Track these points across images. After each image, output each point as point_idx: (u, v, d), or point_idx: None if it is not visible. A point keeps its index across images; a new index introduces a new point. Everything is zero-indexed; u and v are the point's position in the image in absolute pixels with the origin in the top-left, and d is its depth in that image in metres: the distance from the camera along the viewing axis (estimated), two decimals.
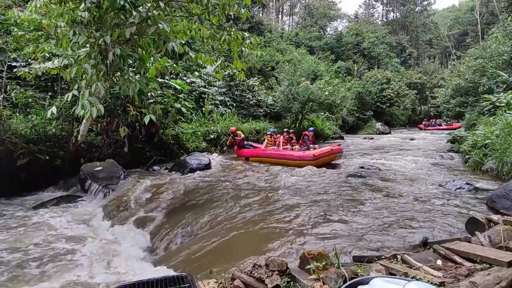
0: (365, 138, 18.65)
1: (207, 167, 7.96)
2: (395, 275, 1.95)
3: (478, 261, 2.12)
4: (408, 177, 6.72)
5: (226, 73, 14.29)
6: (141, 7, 4.43)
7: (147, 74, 6.00)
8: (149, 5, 4.46)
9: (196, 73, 14.88)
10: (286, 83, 15.50)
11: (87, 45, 4.45)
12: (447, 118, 26.68)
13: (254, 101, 15.64)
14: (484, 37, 30.23)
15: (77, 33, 4.27)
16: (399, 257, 2.32)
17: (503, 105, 8.88)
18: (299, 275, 2.06)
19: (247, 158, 9.76)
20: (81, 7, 4.44)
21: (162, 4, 4.32)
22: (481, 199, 4.79)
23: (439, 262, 2.21)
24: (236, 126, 11.73)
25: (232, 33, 5.19)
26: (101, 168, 6.89)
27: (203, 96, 13.50)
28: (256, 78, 16.97)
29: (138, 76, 4.82)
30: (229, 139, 10.57)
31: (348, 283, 1.43)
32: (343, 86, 21.26)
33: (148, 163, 8.71)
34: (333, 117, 19.77)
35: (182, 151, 9.86)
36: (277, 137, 10.08)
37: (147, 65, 6.21)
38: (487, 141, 7.23)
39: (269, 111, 16.32)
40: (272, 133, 10.34)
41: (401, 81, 31.26)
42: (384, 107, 27.41)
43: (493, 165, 6.70)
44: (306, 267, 2.12)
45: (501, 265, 1.98)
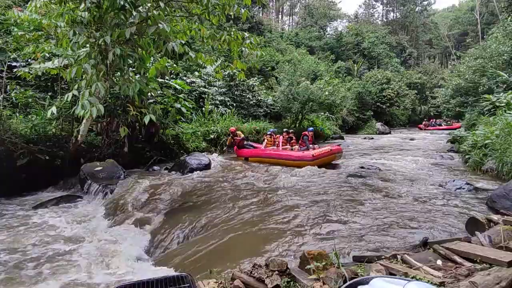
0: (365, 138, 18.65)
1: (207, 167, 7.96)
2: (395, 275, 1.95)
3: (478, 261, 2.13)
4: (408, 177, 6.72)
5: (226, 73, 14.29)
6: (141, 7, 4.43)
7: (147, 74, 5.99)
8: (149, 5, 4.46)
9: (196, 73, 14.88)
10: (286, 83, 15.50)
11: (87, 45, 4.45)
12: (447, 118, 26.69)
13: (254, 101, 15.64)
14: (484, 37, 30.23)
15: (77, 33, 4.27)
16: (399, 257, 2.32)
17: (503, 105, 8.88)
18: (299, 275, 2.06)
19: (246, 158, 9.75)
20: (81, 7, 4.44)
21: (162, 4, 4.32)
22: (481, 199, 4.79)
23: (439, 262, 2.21)
24: (236, 126, 11.73)
25: (232, 33, 5.18)
26: (101, 168, 6.89)
27: (203, 96, 13.50)
28: (256, 78, 16.97)
29: (138, 76, 4.82)
30: (229, 139, 10.56)
31: (348, 283, 1.43)
32: (343, 86, 21.26)
33: (148, 163, 8.70)
34: (333, 117, 19.78)
35: (182, 151, 9.85)
36: (276, 137, 10.04)
37: (147, 65, 6.20)
38: (487, 141, 7.23)
39: (269, 111, 16.32)
40: (272, 133, 10.33)
41: (401, 81, 31.27)
42: (384, 107, 27.42)
43: (493, 165, 6.71)
44: (306, 267, 2.12)
45: (501, 265, 1.98)
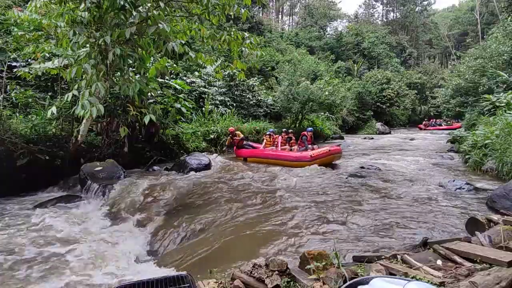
0: (365, 138, 18.63)
1: (207, 167, 7.95)
2: (395, 275, 1.95)
3: (478, 261, 2.12)
4: (408, 177, 6.72)
5: (226, 73, 14.28)
6: (141, 7, 4.43)
7: (147, 74, 5.99)
8: (149, 5, 4.46)
9: (196, 73, 14.88)
10: (286, 83, 15.49)
11: (87, 45, 4.45)
12: (447, 118, 26.71)
13: (254, 101, 15.63)
14: (484, 37, 30.23)
15: (77, 33, 4.27)
16: (399, 257, 2.32)
17: (503, 105, 8.88)
18: (299, 275, 2.06)
19: (245, 159, 9.71)
20: (81, 7, 4.44)
21: (162, 4, 4.32)
22: (481, 199, 4.79)
23: (439, 262, 2.21)
24: (235, 126, 11.72)
25: (232, 33, 5.18)
26: (101, 168, 6.89)
27: (203, 96, 13.50)
28: (256, 78, 16.96)
29: (138, 76, 4.82)
30: (228, 139, 10.55)
31: (348, 283, 1.43)
32: (343, 86, 21.27)
33: (148, 163, 8.70)
34: (333, 117, 19.78)
35: (182, 151, 9.85)
36: (275, 137, 9.95)
37: (147, 65, 6.20)
38: (487, 141, 7.23)
39: (269, 111, 16.32)
40: (271, 133, 10.25)
41: (401, 81, 31.27)
42: (384, 107, 27.41)
43: (493, 165, 6.71)
44: (306, 267, 2.12)
45: (501, 265, 1.98)
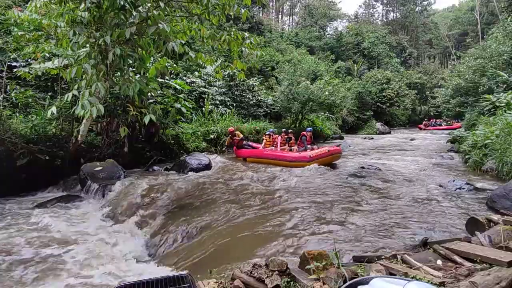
0: (365, 138, 18.63)
1: (207, 167, 7.95)
2: (395, 275, 1.95)
3: (478, 261, 2.12)
4: (408, 177, 6.72)
5: (226, 73, 14.28)
6: (141, 7, 4.42)
7: (147, 74, 5.99)
8: (149, 5, 4.46)
9: (196, 73, 14.88)
10: (286, 83, 15.49)
11: (87, 45, 4.44)
12: (447, 118, 26.72)
13: (254, 101, 15.63)
14: (484, 37, 30.24)
15: (77, 33, 4.26)
16: (399, 257, 2.32)
17: (503, 105, 8.89)
18: (299, 275, 2.06)
19: (244, 159, 9.69)
20: (81, 7, 4.44)
21: (162, 4, 4.31)
22: (481, 199, 4.79)
23: (439, 262, 2.20)
24: (235, 126, 11.71)
25: (232, 33, 5.18)
26: (101, 168, 6.89)
27: (203, 96, 13.50)
28: (256, 78, 16.96)
29: (138, 76, 4.81)
30: (228, 139, 10.54)
31: (348, 283, 1.43)
32: (343, 86, 21.27)
33: (148, 163, 8.70)
34: (333, 117, 19.78)
35: (182, 151, 9.85)
36: (275, 137, 9.89)
37: (147, 65, 6.20)
38: (487, 141, 7.24)
39: (269, 111, 16.31)
40: (271, 133, 10.21)
41: (401, 81, 31.27)
42: (384, 107, 27.41)
43: (493, 165, 6.71)
44: (306, 267, 2.12)
45: (501, 265, 1.98)
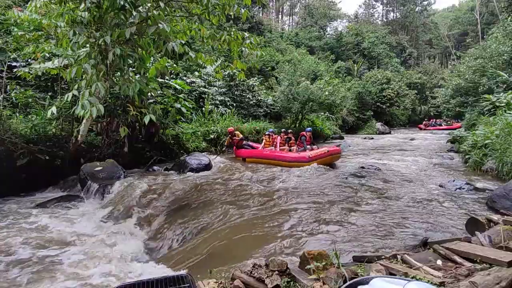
0: (365, 138, 18.64)
1: (207, 167, 7.94)
2: (395, 275, 1.95)
3: (478, 261, 2.12)
4: (408, 177, 6.72)
5: (226, 73, 14.28)
6: (141, 7, 4.42)
7: (147, 74, 5.99)
8: (149, 5, 4.46)
9: (196, 73, 14.88)
10: (286, 83, 15.49)
11: (87, 45, 4.45)
12: (447, 118, 26.73)
13: (254, 101, 15.63)
14: (484, 37, 30.24)
15: (77, 33, 4.26)
16: (399, 257, 2.32)
17: (503, 105, 8.89)
18: (299, 275, 2.06)
19: (244, 159, 9.67)
20: (81, 7, 4.44)
21: (162, 4, 4.32)
22: (481, 199, 4.79)
23: (439, 262, 2.20)
24: (235, 126, 11.71)
25: (232, 33, 5.18)
26: (101, 168, 6.88)
27: (203, 96, 13.49)
28: (256, 78, 16.96)
29: (138, 76, 4.82)
30: (227, 139, 10.55)
31: (348, 283, 1.43)
32: (343, 86, 21.27)
33: (148, 163, 8.70)
34: (333, 117, 19.78)
35: (182, 151, 9.84)
36: (275, 137, 9.83)
37: (147, 65, 6.20)
38: (487, 141, 7.24)
39: (269, 111, 16.31)
40: (271, 133, 10.18)
41: (401, 81, 31.28)
42: (384, 107, 27.42)
43: (493, 165, 6.71)
44: (306, 267, 2.11)
45: (501, 265, 1.98)
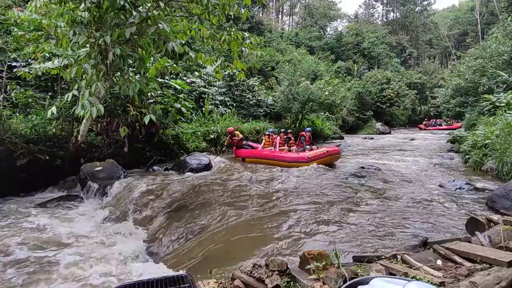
0: (365, 138, 18.64)
1: (207, 167, 7.94)
2: (395, 275, 1.95)
3: (478, 261, 2.12)
4: (408, 177, 6.72)
5: (226, 73, 14.28)
6: (141, 7, 4.43)
7: (147, 74, 5.99)
8: (149, 5, 4.46)
9: (196, 73, 14.87)
10: (286, 83, 15.49)
11: (87, 45, 4.45)
12: (447, 118, 26.73)
13: (254, 101, 15.63)
14: (484, 37, 30.24)
15: (77, 33, 4.27)
16: (399, 257, 2.32)
17: (503, 105, 8.89)
18: (299, 275, 2.05)
19: (243, 159, 9.67)
20: (81, 7, 4.44)
21: (162, 4, 4.32)
22: (481, 199, 4.79)
23: (439, 262, 2.20)
24: (235, 126, 11.71)
25: (232, 33, 5.18)
26: (101, 168, 6.88)
27: (203, 96, 13.49)
28: (256, 78, 16.95)
29: (138, 76, 4.82)
30: (227, 139, 10.55)
31: (348, 283, 1.43)
32: (343, 86, 21.27)
33: (148, 163, 8.70)
34: (333, 117, 19.78)
35: (182, 151, 9.84)
36: (274, 137, 9.80)
37: (147, 65, 6.20)
38: (487, 141, 7.24)
39: (269, 111, 16.31)
40: (271, 133, 10.17)
41: (401, 81, 31.28)
42: (384, 107, 27.42)
43: (493, 165, 6.71)
44: (306, 267, 2.11)
45: (501, 265, 1.98)
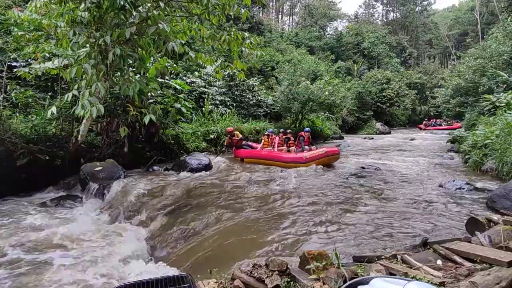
0: (365, 138, 18.64)
1: (207, 167, 7.94)
2: (395, 275, 1.94)
3: (478, 261, 2.12)
4: (408, 177, 6.72)
5: (226, 73, 14.28)
6: (141, 7, 4.43)
7: (147, 74, 5.99)
8: (149, 5, 4.46)
9: (196, 73, 14.87)
10: (286, 83, 15.49)
11: (87, 45, 4.45)
12: (447, 118, 26.73)
13: (254, 101, 15.63)
14: (484, 37, 30.24)
15: (77, 33, 4.27)
16: (399, 257, 2.32)
17: (503, 105, 8.88)
18: (299, 275, 2.05)
19: (242, 159, 9.67)
20: (81, 7, 4.45)
21: (162, 4, 4.32)
22: (481, 199, 4.79)
23: (439, 262, 2.20)
24: (235, 126, 11.70)
25: (232, 33, 5.19)
26: (101, 168, 6.88)
27: (203, 96, 13.49)
28: (256, 78, 16.95)
29: (138, 76, 4.82)
30: (227, 139, 10.55)
31: (348, 283, 1.43)
32: (343, 86, 21.28)
33: (148, 163, 8.69)
34: (333, 117, 19.79)
35: (182, 151, 9.84)
36: (273, 137, 9.74)
37: (147, 65, 6.20)
38: (487, 141, 7.23)
39: (269, 111, 16.31)
40: (270, 133, 10.12)
41: (401, 81, 31.28)
42: (384, 107, 27.42)
43: (493, 165, 6.70)
44: (306, 267, 2.11)
45: (501, 265, 1.98)
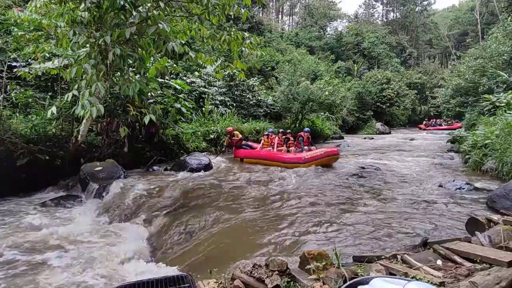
0: (365, 138, 18.66)
1: (207, 167, 7.94)
2: (395, 275, 1.94)
3: (478, 261, 2.12)
4: (408, 177, 6.72)
5: (226, 73, 14.28)
6: (141, 7, 4.43)
7: (147, 74, 5.99)
8: (149, 5, 4.46)
9: (196, 73, 14.88)
10: (286, 83, 15.49)
11: (87, 45, 4.45)
12: (447, 118, 26.73)
13: (254, 101, 15.63)
14: (484, 37, 30.24)
15: (77, 33, 4.27)
16: (399, 257, 2.32)
17: (503, 105, 8.88)
18: (299, 275, 2.05)
19: (241, 159, 9.67)
20: (81, 7, 4.45)
21: (162, 4, 4.32)
22: (481, 199, 4.79)
23: (439, 262, 2.20)
24: (235, 126, 11.71)
25: (232, 33, 5.19)
26: (101, 168, 6.88)
27: (203, 96, 13.50)
28: (256, 78, 16.96)
29: (138, 76, 4.82)
30: (226, 139, 10.55)
31: (348, 283, 1.43)
32: (343, 86, 21.28)
33: (148, 163, 8.69)
34: (333, 117, 19.79)
35: (182, 151, 9.84)
36: (273, 137, 9.71)
37: (147, 65, 6.20)
38: (487, 141, 7.23)
39: (269, 111, 16.32)
40: (270, 133, 10.08)
41: (401, 81, 31.28)
42: (384, 107, 27.43)
43: (493, 165, 6.70)
44: (306, 267, 2.11)
45: (501, 265, 1.98)
